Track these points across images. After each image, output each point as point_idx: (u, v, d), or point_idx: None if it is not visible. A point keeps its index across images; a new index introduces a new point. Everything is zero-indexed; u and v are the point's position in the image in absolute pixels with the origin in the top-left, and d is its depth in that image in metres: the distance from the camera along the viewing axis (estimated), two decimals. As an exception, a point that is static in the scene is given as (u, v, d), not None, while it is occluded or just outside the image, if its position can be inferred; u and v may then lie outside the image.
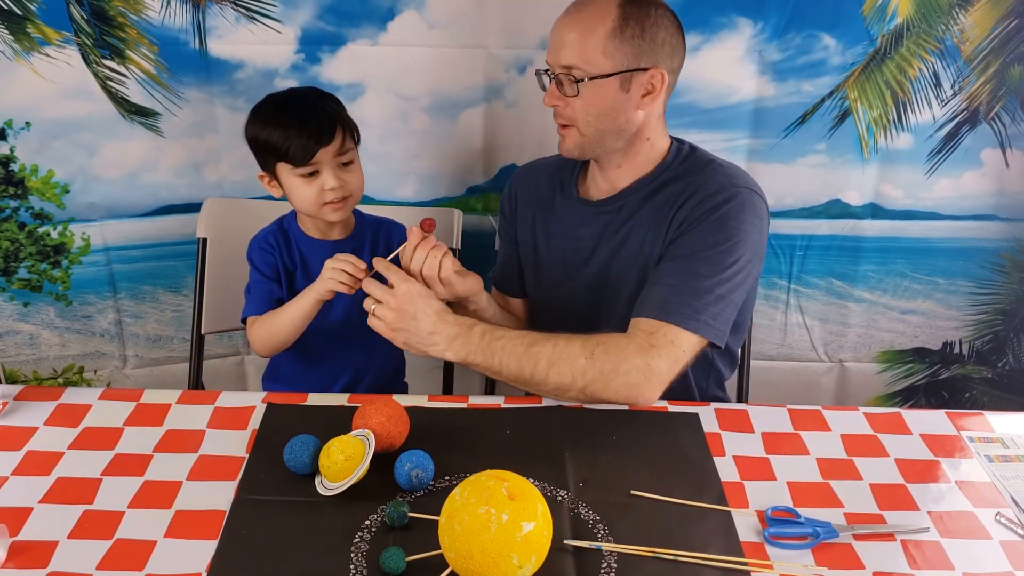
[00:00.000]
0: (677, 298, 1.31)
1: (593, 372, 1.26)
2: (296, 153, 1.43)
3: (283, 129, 1.43)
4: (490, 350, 1.27)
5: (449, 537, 0.99)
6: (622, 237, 1.45)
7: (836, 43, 1.81)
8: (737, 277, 1.35)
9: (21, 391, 1.38)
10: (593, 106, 1.35)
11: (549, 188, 1.55)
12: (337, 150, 1.45)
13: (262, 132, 1.45)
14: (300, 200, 1.49)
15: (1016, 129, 1.90)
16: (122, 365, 2.08)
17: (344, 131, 1.46)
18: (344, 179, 1.47)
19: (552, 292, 1.55)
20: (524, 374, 1.27)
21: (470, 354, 1.28)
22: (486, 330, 1.29)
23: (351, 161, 1.50)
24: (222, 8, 1.76)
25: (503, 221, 1.64)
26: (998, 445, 1.31)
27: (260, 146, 1.47)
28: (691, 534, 1.11)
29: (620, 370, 1.26)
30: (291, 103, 1.47)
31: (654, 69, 1.35)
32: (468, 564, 0.97)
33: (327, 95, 1.51)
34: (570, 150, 1.43)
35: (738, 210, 1.36)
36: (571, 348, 1.26)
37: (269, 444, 1.25)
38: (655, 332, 1.30)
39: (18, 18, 1.73)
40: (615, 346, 1.28)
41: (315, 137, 1.43)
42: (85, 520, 1.12)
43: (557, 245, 1.53)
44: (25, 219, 1.90)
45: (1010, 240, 2.01)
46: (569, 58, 1.33)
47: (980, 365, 2.14)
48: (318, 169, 1.45)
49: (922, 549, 1.10)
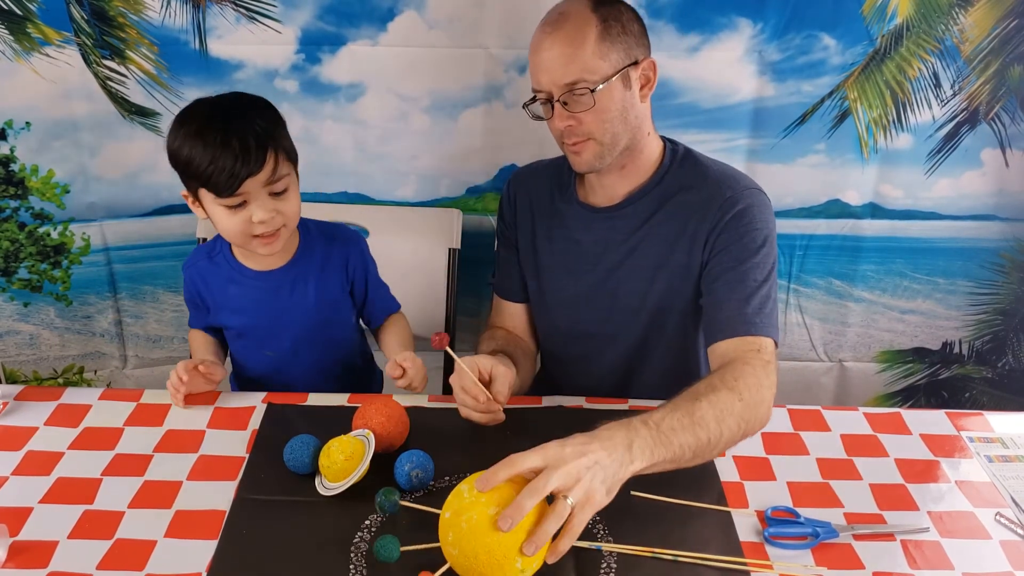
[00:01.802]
0: (752, 310, 1.33)
1: (748, 412, 1.20)
2: (219, 182, 1.24)
3: (204, 150, 1.24)
4: (666, 439, 1.08)
5: (454, 533, 0.97)
6: (631, 246, 1.44)
7: (836, 43, 1.81)
8: (774, 275, 1.39)
9: (21, 391, 1.39)
10: (606, 112, 1.34)
11: (548, 191, 1.54)
12: (268, 178, 1.26)
13: (182, 149, 1.26)
14: (225, 231, 1.32)
15: (1016, 129, 1.90)
16: (122, 365, 2.08)
17: (276, 154, 1.27)
18: (277, 209, 1.30)
19: (555, 298, 1.53)
20: (702, 443, 1.12)
21: (654, 451, 1.06)
22: (644, 420, 1.09)
23: (285, 189, 1.30)
24: (222, 8, 1.76)
25: (502, 225, 1.62)
26: (998, 445, 1.31)
27: (179, 165, 1.29)
28: (691, 534, 1.11)
29: (764, 398, 1.24)
30: (215, 119, 1.26)
31: (644, 60, 1.37)
32: (471, 563, 0.96)
33: (262, 107, 1.31)
34: (590, 163, 1.39)
35: (760, 210, 1.38)
36: (723, 397, 1.17)
37: (269, 444, 1.25)
38: (760, 349, 1.31)
39: (18, 18, 1.73)
40: (751, 376, 1.24)
41: (241, 164, 1.23)
42: (85, 520, 1.12)
43: (559, 250, 1.51)
44: (25, 219, 1.90)
45: (1010, 240, 2.01)
46: (571, 75, 1.31)
47: (980, 365, 2.14)
48: (246, 199, 1.27)
49: (922, 549, 1.10)
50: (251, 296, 1.44)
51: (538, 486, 0.96)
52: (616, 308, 1.48)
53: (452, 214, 1.79)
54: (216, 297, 1.46)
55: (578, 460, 0.99)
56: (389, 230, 1.78)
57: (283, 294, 1.45)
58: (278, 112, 1.33)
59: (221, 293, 1.46)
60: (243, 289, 1.44)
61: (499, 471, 0.97)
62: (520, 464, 0.98)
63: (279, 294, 1.44)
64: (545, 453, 0.99)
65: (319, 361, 1.51)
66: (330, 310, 1.49)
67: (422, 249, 1.80)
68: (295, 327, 1.46)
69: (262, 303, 1.45)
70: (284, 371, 1.51)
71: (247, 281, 1.44)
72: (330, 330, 1.51)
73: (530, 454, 0.99)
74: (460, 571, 0.99)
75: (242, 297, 1.45)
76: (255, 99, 1.33)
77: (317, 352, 1.50)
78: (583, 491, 0.98)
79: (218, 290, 1.46)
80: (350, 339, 1.57)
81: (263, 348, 1.49)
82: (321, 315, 1.47)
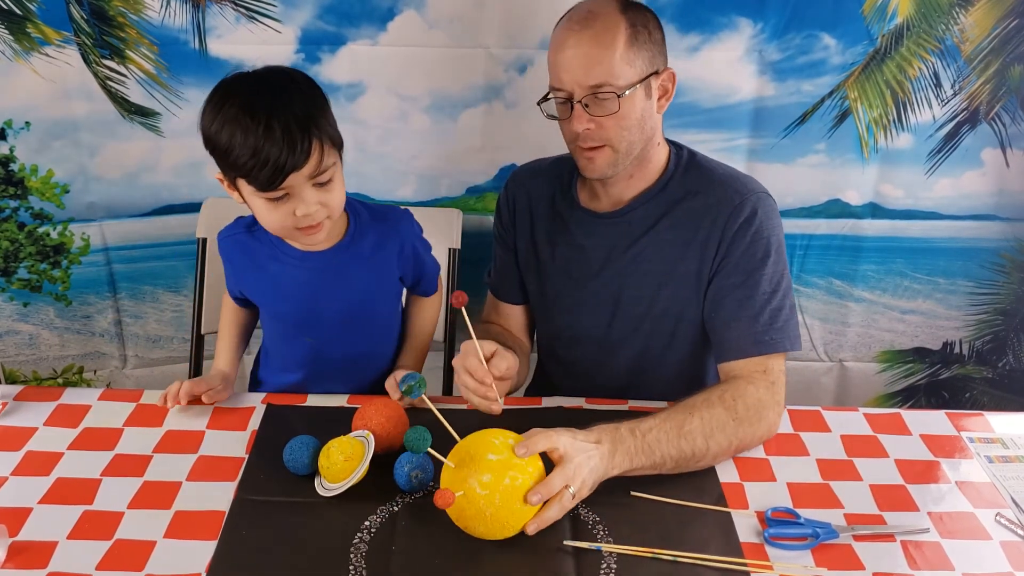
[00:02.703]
0: (762, 327, 1.33)
1: (743, 430, 1.24)
2: (261, 177, 1.16)
3: (245, 139, 1.15)
4: (649, 448, 1.17)
5: (492, 480, 1.05)
6: (636, 252, 1.42)
7: (836, 43, 1.81)
8: (786, 280, 1.38)
9: (21, 391, 1.38)
10: (626, 119, 1.31)
11: (549, 194, 1.51)
12: (313, 171, 1.19)
13: (220, 135, 1.17)
14: (267, 223, 1.26)
15: (1016, 129, 1.89)
16: (122, 365, 2.08)
17: (322, 144, 1.19)
18: (322, 201, 1.22)
19: (557, 302, 1.51)
20: (685, 455, 1.19)
21: (633, 459, 1.16)
22: (631, 428, 1.18)
23: (330, 179, 1.23)
24: (222, 8, 1.76)
25: (499, 227, 1.58)
26: (998, 445, 1.31)
27: (216, 151, 1.20)
28: (691, 535, 1.11)
29: (763, 417, 1.27)
30: (259, 104, 1.16)
31: (664, 71, 1.35)
32: (493, 510, 1.05)
33: (305, 87, 1.22)
34: (602, 170, 1.36)
35: (765, 216, 1.37)
36: (716, 414, 1.22)
37: (269, 445, 1.25)
38: (767, 370, 1.31)
39: (18, 18, 1.73)
40: (751, 396, 1.27)
41: (286, 157, 1.15)
42: (85, 520, 1.12)
43: (561, 254, 1.49)
44: (25, 219, 1.90)
45: (1010, 240, 2.01)
46: (598, 77, 1.28)
47: (980, 365, 2.14)
48: (289, 192, 1.20)
49: (922, 550, 1.10)
50: (294, 277, 1.36)
51: (567, 474, 1.09)
52: (620, 314, 1.46)
53: (452, 214, 1.79)
54: (255, 275, 1.38)
55: (587, 460, 1.12)
56: (389, 230, 1.78)
57: (328, 277, 1.36)
58: (321, 91, 1.23)
59: (263, 271, 1.37)
60: (286, 268, 1.35)
61: (538, 442, 1.10)
62: (553, 443, 1.11)
63: (324, 277, 1.36)
64: (564, 441, 1.11)
65: (361, 350, 1.45)
66: (379, 296, 1.42)
67: (422, 249, 1.80)
68: (340, 313, 1.38)
69: (305, 285, 1.36)
70: (321, 358, 1.43)
71: (291, 261, 1.35)
72: (376, 315, 1.44)
73: (556, 439, 1.11)
74: (473, 507, 1.05)
75: (284, 277, 1.36)
76: (297, 76, 1.23)
77: (360, 341, 1.44)
78: (581, 485, 1.11)
79: (260, 267, 1.37)
80: (393, 322, 1.50)
81: (303, 333, 1.42)
82: (368, 300, 1.40)
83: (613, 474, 1.15)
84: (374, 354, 1.50)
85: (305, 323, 1.41)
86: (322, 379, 1.45)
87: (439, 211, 1.82)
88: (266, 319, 1.48)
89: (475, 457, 1.07)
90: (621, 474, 1.16)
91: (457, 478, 1.06)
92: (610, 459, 1.14)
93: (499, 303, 1.61)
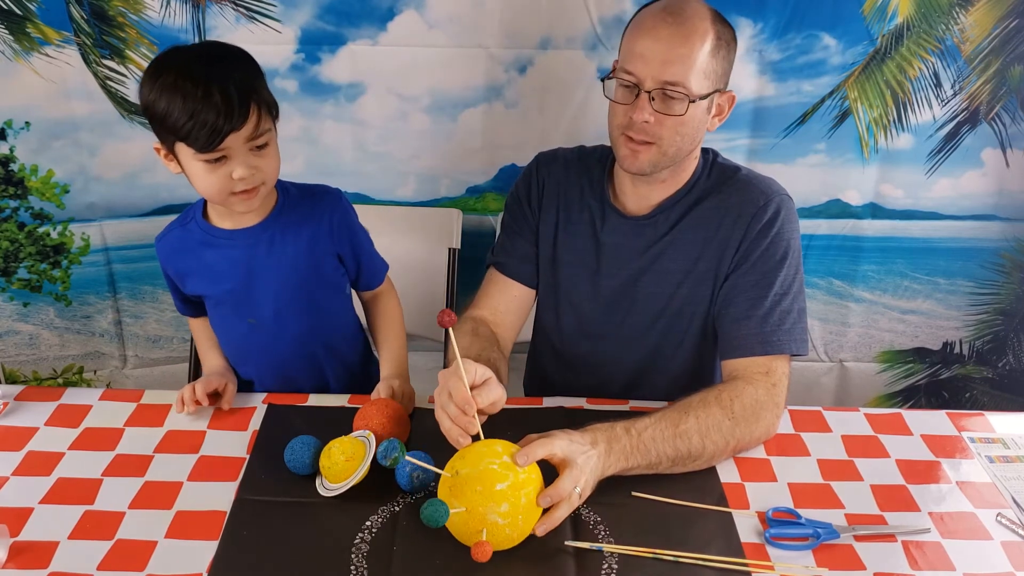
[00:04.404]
0: (769, 328, 1.33)
1: (740, 430, 1.24)
2: (200, 137, 1.19)
3: (184, 104, 1.17)
4: (644, 447, 1.18)
5: (510, 503, 1.04)
6: (657, 252, 1.42)
7: (836, 43, 1.81)
8: (798, 283, 1.38)
9: (21, 391, 1.38)
10: (686, 125, 1.29)
11: (578, 185, 1.48)
12: (250, 134, 1.22)
13: (159, 102, 1.19)
14: (203, 188, 1.28)
15: (1016, 129, 1.89)
16: (122, 365, 2.08)
17: (259, 109, 1.23)
18: (256, 165, 1.25)
19: (569, 295, 1.50)
20: (681, 454, 1.20)
21: (629, 458, 1.17)
22: (627, 427, 1.19)
23: (266, 144, 1.26)
24: (222, 8, 1.76)
25: (521, 206, 1.51)
26: (999, 445, 1.31)
27: (155, 118, 1.22)
28: (692, 535, 1.11)
29: (761, 418, 1.27)
30: (195, 70, 1.19)
31: (727, 91, 1.35)
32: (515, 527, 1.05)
33: (242, 59, 1.26)
34: (642, 167, 1.33)
35: (786, 219, 1.37)
36: (712, 413, 1.23)
37: (269, 445, 1.25)
38: (770, 371, 1.31)
39: (18, 18, 1.72)
40: (748, 397, 1.27)
41: (224, 119, 1.18)
42: (86, 520, 1.12)
43: (580, 247, 1.47)
44: (25, 219, 1.90)
45: (1010, 240, 2.01)
46: (675, 75, 1.25)
47: (980, 365, 2.14)
48: (226, 155, 1.23)
49: (923, 550, 1.10)
50: (227, 257, 1.37)
51: (575, 476, 1.10)
52: (635, 311, 1.46)
53: (452, 214, 1.79)
54: (191, 264, 1.40)
55: (587, 460, 1.12)
56: (389, 230, 1.78)
57: (260, 252, 1.37)
58: (257, 63, 1.27)
59: (196, 259, 1.39)
60: (218, 251, 1.37)
61: (536, 451, 1.09)
62: (551, 448, 1.10)
63: (255, 252, 1.37)
64: (561, 445, 1.11)
65: (306, 334, 1.44)
66: (312, 270, 1.41)
67: (422, 249, 1.80)
68: (276, 288, 1.38)
69: (238, 263, 1.37)
70: (270, 347, 1.44)
71: (221, 242, 1.37)
72: (315, 295, 1.43)
73: (553, 444, 1.11)
74: (499, 537, 1.04)
75: (218, 259, 1.37)
76: (233, 48, 1.27)
77: (303, 322, 1.43)
78: (584, 484, 1.11)
79: (193, 257, 1.39)
80: (340, 310, 1.50)
81: (244, 315, 1.42)
82: (303, 275, 1.40)
83: (609, 473, 1.15)
84: (332, 349, 1.49)
85: (242, 302, 1.40)
86: (277, 373, 1.45)
87: (439, 211, 1.83)
88: (211, 310, 1.47)
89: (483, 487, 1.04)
90: (617, 473, 1.16)
91: (474, 517, 1.03)
92: (606, 458, 1.15)
93: (504, 282, 1.51)
